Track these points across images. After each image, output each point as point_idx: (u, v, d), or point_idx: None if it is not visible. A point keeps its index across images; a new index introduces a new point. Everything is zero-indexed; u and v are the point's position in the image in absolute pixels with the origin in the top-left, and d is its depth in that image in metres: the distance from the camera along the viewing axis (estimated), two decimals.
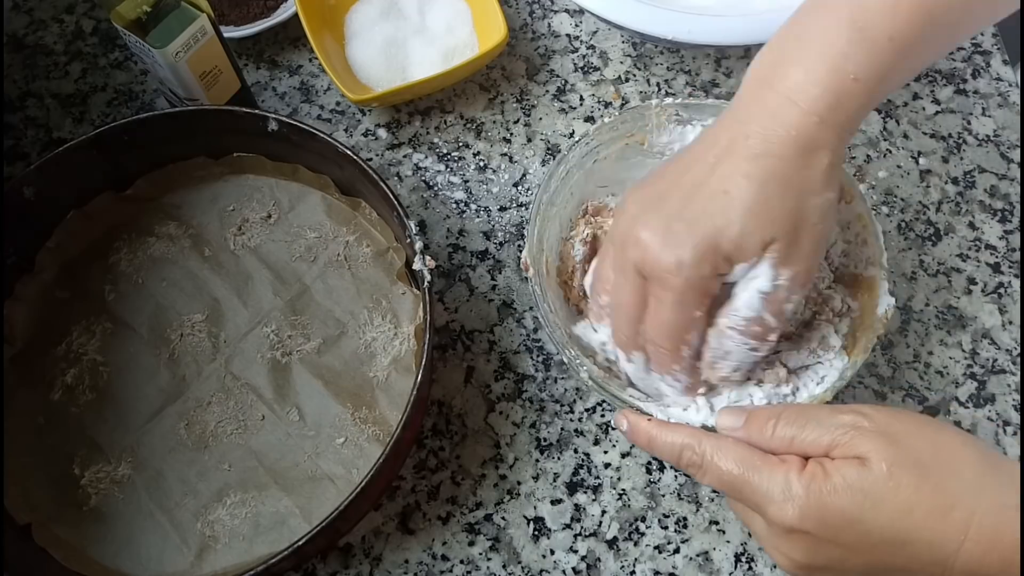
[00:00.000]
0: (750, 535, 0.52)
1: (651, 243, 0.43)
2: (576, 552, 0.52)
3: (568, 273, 0.54)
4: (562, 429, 0.55)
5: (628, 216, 0.45)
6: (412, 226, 0.52)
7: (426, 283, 0.51)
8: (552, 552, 0.52)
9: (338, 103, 0.67)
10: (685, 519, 0.53)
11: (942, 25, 0.42)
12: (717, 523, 0.52)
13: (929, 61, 0.47)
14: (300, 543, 0.45)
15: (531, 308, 0.59)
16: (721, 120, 0.44)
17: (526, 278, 0.52)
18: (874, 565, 0.37)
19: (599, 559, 0.52)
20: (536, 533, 0.53)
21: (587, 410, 0.56)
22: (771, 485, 0.37)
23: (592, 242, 0.55)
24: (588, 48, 0.69)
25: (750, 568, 0.51)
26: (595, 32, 0.69)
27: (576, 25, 0.70)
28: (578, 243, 0.54)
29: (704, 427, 0.46)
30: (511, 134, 0.65)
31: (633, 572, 0.52)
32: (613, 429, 0.55)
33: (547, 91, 0.67)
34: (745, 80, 0.44)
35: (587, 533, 0.53)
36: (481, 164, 0.64)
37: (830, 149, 0.42)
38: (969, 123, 0.65)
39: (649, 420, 0.44)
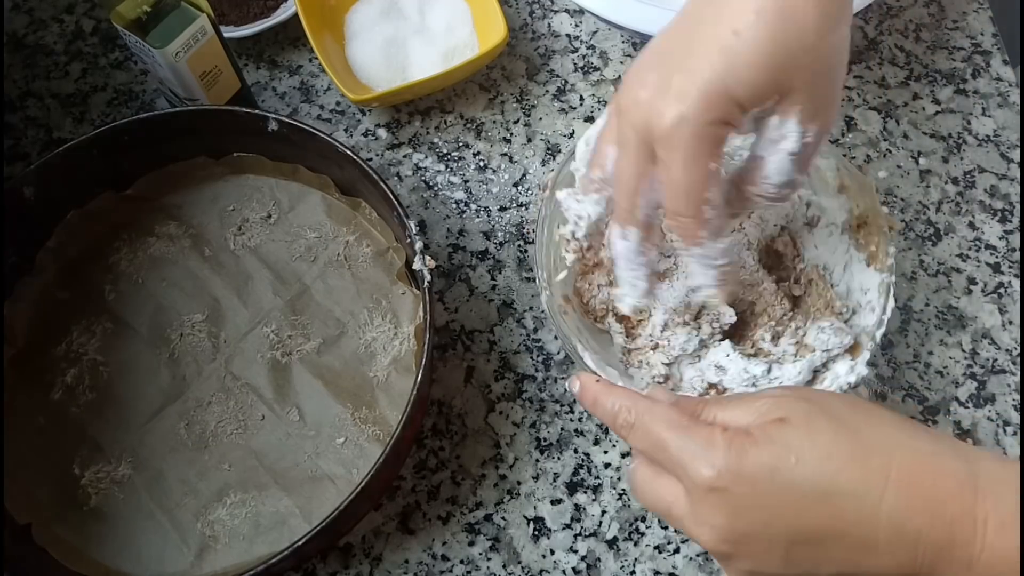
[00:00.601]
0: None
1: (651, 101, 0.39)
2: (576, 552, 0.52)
3: None
4: (562, 429, 0.55)
5: (628, 80, 0.41)
6: (412, 226, 0.52)
7: (426, 283, 0.51)
8: (552, 552, 0.52)
9: (338, 103, 0.67)
10: None
11: None
12: None
13: None
14: (300, 543, 0.45)
15: (531, 308, 0.59)
16: None
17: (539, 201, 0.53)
18: (799, 530, 0.35)
19: (599, 559, 0.52)
20: (536, 533, 0.53)
21: (587, 410, 0.56)
22: (693, 443, 0.37)
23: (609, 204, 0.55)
24: (588, 48, 0.69)
25: None
26: (595, 32, 0.69)
27: (576, 25, 0.70)
28: None
29: None
30: (511, 134, 0.65)
31: (633, 572, 0.52)
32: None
33: (547, 91, 0.67)
34: None
35: (587, 533, 0.53)
36: (481, 164, 0.64)
37: None
38: (969, 123, 0.65)
39: (598, 381, 0.43)
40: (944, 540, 0.33)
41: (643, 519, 0.53)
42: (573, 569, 0.52)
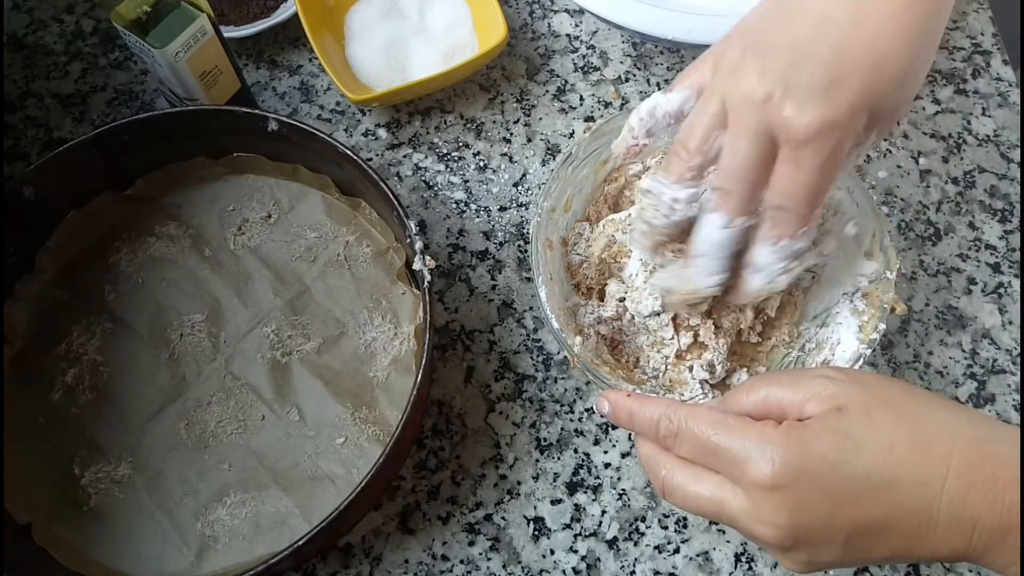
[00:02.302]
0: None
1: (795, 103, 0.39)
2: (576, 552, 0.52)
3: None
4: (562, 429, 0.55)
5: (755, 70, 0.40)
6: (412, 226, 0.52)
7: (426, 283, 0.51)
8: (552, 552, 0.52)
9: (338, 103, 0.67)
10: (685, 519, 0.53)
11: None
12: (717, 523, 0.52)
13: None
14: (300, 543, 0.45)
15: (531, 308, 0.59)
16: None
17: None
18: (860, 521, 0.35)
19: (599, 559, 0.52)
20: (536, 533, 0.53)
21: (587, 410, 0.56)
22: (747, 442, 0.36)
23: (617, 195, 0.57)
24: (588, 48, 0.69)
25: (750, 568, 0.51)
26: (595, 32, 0.69)
27: (576, 25, 0.70)
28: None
29: None
30: (511, 134, 0.65)
31: (633, 572, 0.52)
32: (614, 429, 0.55)
33: (547, 91, 0.67)
34: None
35: (587, 533, 0.53)
36: (481, 164, 0.64)
37: None
38: (969, 123, 0.65)
39: (628, 395, 0.42)
40: (1000, 526, 0.33)
41: (643, 519, 0.53)
42: (573, 569, 0.52)
